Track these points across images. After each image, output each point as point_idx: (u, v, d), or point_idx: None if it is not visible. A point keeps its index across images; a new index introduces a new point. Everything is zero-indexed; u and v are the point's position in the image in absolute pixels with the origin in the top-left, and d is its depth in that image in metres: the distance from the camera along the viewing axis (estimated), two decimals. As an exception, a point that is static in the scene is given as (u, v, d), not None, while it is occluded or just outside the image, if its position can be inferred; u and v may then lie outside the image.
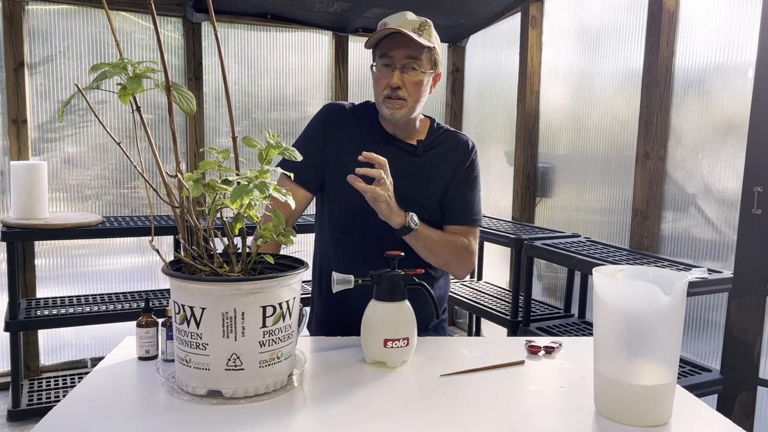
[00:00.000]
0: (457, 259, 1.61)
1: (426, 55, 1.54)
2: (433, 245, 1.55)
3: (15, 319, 2.86)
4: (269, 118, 3.82)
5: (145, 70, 1.08)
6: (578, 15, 3.33)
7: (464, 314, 4.15)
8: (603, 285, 1.12)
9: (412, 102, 1.55)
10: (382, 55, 1.55)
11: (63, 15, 3.28)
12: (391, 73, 1.53)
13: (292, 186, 1.58)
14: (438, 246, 1.56)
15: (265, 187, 1.12)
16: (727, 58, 2.52)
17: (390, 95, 1.54)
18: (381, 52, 1.55)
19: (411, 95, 1.54)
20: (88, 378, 1.28)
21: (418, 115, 1.65)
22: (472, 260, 1.64)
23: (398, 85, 1.52)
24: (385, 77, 1.54)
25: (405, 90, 1.53)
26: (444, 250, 1.57)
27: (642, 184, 2.82)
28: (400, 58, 1.52)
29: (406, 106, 1.55)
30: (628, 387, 1.10)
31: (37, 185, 2.95)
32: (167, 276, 1.17)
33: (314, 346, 1.49)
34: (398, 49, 1.52)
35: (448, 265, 1.63)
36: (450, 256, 1.59)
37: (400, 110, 1.55)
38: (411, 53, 1.52)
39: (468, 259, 1.62)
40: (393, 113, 1.55)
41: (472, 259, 1.63)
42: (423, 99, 1.59)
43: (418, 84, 1.54)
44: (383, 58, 1.55)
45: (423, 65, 1.54)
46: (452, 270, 1.65)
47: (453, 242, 1.59)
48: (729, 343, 2.34)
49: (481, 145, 4.10)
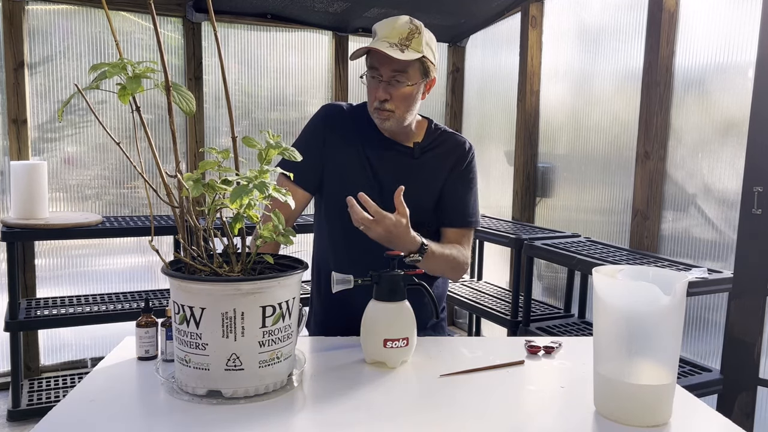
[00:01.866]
0: (454, 271, 1.62)
1: (413, 66, 1.52)
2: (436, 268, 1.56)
3: (15, 319, 2.85)
4: (269, 118, 3.82)
5: (145, 70, 1.08)
6: (578, 15, 3.33)
7: (464, 314, 4.15)
8: (603, 285, 1.12)
9: (400, 113, 1.55)
10: (370, 67, 1.55)
11: (63, 15, 3.28)
12: (378, 85, 1.53)
13: (291, 186, 1.58)
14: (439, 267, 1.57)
15: (264, 187, 1.12)
16: (727, 58, 2.51)
17: (378, 107, 1.54)
18: (369, 63, 1.55)
19: (399, 107, 1.54)
20: (88, 378, 1.28)
21: (414, 119, 1.65)
22: (466, 266, 1.65)
23: (385, 98, 1.53)
24: (373, 89, 1.55)
25: (392, 103, 1.53)
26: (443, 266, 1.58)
27: (642, 184, 2.82)
28: (386, 71, 1.51)
29: (393, 118, 1.55)
30: (628, 387, 1.10)
31: (37, 185, 2.95)
32: (167, 276, 1.17)
33: (314, 346, 1.49)
34: (384, 63, 1.50)
35: (444, 275, 1.66)
36: (447, 269, 1.61)
37: (387, 121, 1.56)
38: (397, 67, 1.50)
39: (464, 267, 1.64)
40: (382, 123, 1.57)
41: (466, 265, 1.65)
42: (414, 108, 1.58)
43: (406, 96, 1.54)
44: (371, 70, 1.55)
45: (410, 77, 1.52)
46: (447, 277, 1.70)
47: (455, 258, 1.59)
48: (729, 343, 2.34)
49: (481, 145, 4.10)
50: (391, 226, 1.39)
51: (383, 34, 1.50)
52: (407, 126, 1.62)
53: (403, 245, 1.43)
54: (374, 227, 1.38)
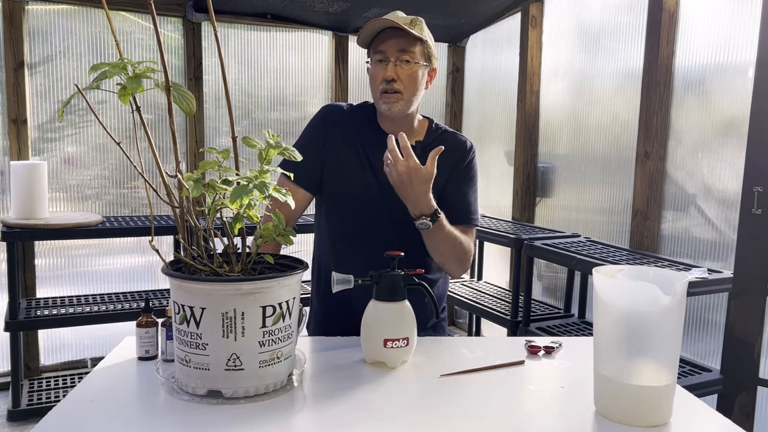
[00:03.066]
0: (458, 260, 1.61)
1: (419, 47, 1.56)
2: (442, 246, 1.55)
3: (15, 319, 2.86)
4: (269, 118, 3.82)
5: (145, 70, 1.08)
6: (578, 15, 3.33)
7: (464, 314, 4.15)
8: (603, 285, 1.12)
9: (408, 95, 1.56)
10: (376, 51, 1.57)
11: (63, 15, 3.28)
12: (385, 67, 1.54)
13: (291, 186, 1.58)
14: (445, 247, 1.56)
15: (264, 187, 1.12)
16: (727, 58, 2.51)
17: (386, 89, 1.55)
18: (374, 48, 1.57)
19: (407, 87, 1.55)
20: (88, 378, 1.28)
21: (416, 115, 1.66)
22: (469, 262, 1.65)
23: (393, 78, 1.54)
24: (380, 72, 1.56)
25: (400, 82, 1.54)
26: (449, 247, 1.57)
27: (642, 184, 2.82)
28: (393, 51, 1.54)
29: (402, 99, 1.56)
30: (628, 387, 1.10)
31: (37, 185, 2.95)
32: (167, 276, 1.17)
33: (314, 346, 1.49)
34: (390, 42, 1.53)
35: (447, 264, 1.63)
36: (451, 254, 1.59)
37: (396, 104, 1.56)
38: (403, 46, 1.53)
39: (467, 261, 1.63)
40: (390, 107, 1.57)
41: (469, 261, 1.65)
42: (419, 92, 1.60)
43: (413, 76, 1.56)
44: (377, 54, 1.56)
45: (417, 57, 1.55)
46: (449, 268, 1.66)
47: (461, 243, 1.58)
48: (729, 343, 2.34)
49: (481, 145, 4.10)
50: (413, 170, 1.41)
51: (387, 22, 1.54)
52: (410, 120, 1.63)
53: (416, 200, 1.44)
54: (399, 164, 1.41)
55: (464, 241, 1.60)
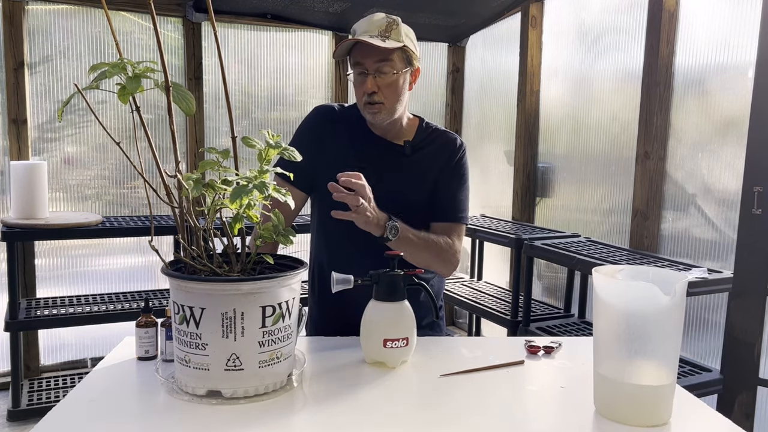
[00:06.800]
0: (440, 260, 1.60)
1: (397, 53, 1.55)
2: (415, 250, 1.53)
3: (15, 319, 2.86)
4: (269, 118, 3.82)
5: (145, 69, 1.08)
6: (578, 15, 3.33)
7: (464, 314, 4.15)
8: (603, 285, 1.12)
9: (390, 104, 1.57)
10: (355, 64, 1.57)
11: (63, 15, 3.28)
12: (364, 80, 1.55)
13: (286, 187, 1.58)
14: (419, 250, 1.55)
15: (264, 187, 1.12)
16: (727, 58, 2.51)
17: (368, 101, 1.56)
18: (353, 60, 1.58)
19: (387, 98, 1.56)
20: (87, 378, 1.28)
21: (405, 115, 1.66)
22: (456, 259, 1.63)
23: (373, 90, 1.54)
24: (361, 84, 1.57)
25: (381, 94, 1.55)
26: (425, 253, 1.56)
27: (642, 184, 2.82)
28: (371, 63, 1.54)
29: (384, 109, 1.57)
30: (628, 387, 1.10)
31: (37, 185, 2.95)
32: (167, 276, 1.17)
33: (314, 346, 1.49)
34: (367, 55, 1.54)
35: (431, 266, 1.62)
36: (432, 258, 1.59)
37: (379, 114, 1.57)
38: (380, 57, 1.53)
39: (451, 258, 1.62)
40: (374, 117, 1.58)
41: (456, 258, 1.63)
42: (402, 98, 1.60)
43: (393, 86, 1.56)
44: (356, 66, 1.57)
45: (395, 66, 1.55)
46: (436, 270, 1.65)
47: (436, 244, 1.58)
48: (729, 343, 2.34)
49: (481, 145, 4.10)
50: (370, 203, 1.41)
51: (362, 29, 1.54)
52: (398, 122, 1.64)
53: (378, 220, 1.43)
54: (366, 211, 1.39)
55: (441, 243, 1.59)
